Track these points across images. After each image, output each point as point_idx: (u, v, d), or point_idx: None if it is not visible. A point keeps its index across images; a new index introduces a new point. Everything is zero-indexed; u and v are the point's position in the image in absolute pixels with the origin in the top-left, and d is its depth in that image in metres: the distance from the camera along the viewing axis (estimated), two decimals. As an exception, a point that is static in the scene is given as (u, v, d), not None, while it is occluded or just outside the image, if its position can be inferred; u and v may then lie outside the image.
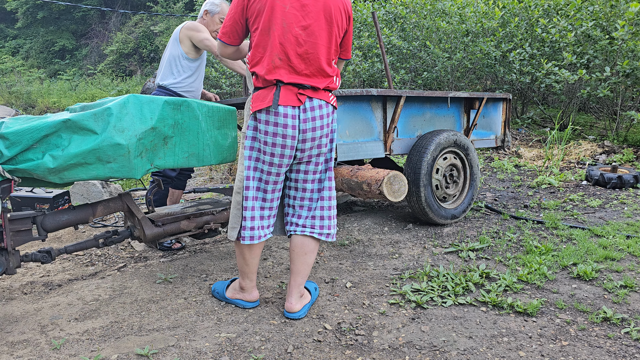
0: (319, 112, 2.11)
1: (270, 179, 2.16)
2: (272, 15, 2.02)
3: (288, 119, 2.06)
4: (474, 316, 2.18)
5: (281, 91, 2.05)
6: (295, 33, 2.03)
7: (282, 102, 2.05)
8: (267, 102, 2.05)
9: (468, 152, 3.56)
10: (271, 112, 2.05)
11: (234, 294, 2.35)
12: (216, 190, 3.27)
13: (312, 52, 2.07)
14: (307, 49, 2.06)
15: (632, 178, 4.40)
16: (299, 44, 2.04)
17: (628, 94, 6.42)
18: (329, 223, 2.25)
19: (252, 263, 2.25)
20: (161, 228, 2.58)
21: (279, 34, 2.02)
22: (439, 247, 3.08)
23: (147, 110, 2.24)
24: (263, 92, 2.08)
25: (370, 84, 8.17)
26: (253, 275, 2.29)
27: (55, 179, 2.10)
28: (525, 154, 6.06)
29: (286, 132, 2.06)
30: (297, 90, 2.07)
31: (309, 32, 2.05)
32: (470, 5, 7.05)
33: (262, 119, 2.08)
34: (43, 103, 13.81)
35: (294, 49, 2.04)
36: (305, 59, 2.06)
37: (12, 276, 2.88)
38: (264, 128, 2.08)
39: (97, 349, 1.98)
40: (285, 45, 2.03)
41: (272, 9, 2.02)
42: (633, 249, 2.86)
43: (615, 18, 5.79)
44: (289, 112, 2.06)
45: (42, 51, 22.14)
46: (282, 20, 2.02)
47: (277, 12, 2.02)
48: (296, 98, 2.07)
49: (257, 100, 2.08)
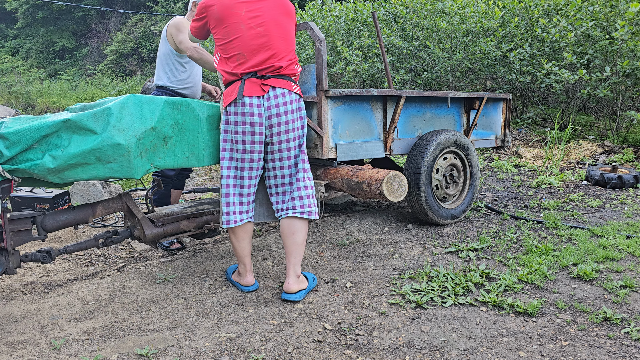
0: (282, 99, 2.34)
1: (245, 166, 2.38)
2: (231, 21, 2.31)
3: (254, 108, 2.30)
4: (474, 316, 2.18)
5: (245, 84, 2.31)
6: (253, 31, 2.31)
7: (247, 93, 2.30)
8: (234, 95, 2.30)
9: (468, 152, 3.56)
10: (238, 103, 2.30)
11: (235, 277, 2.59)
12: (216, 190, 3.27)
13: (270, 45, 2.33)
14: (264, 42, 2.32)
15: (632, 178, 4.40)
16: (257, 39, 2.31)
17: (628, 94, 6.41)
18: (308, 202, 2.42)
19: (240, 247, 2.45)
20: (161, 228, 2.58)
21: (238, 34, 2.30)
22: (439, 247, 3.08)
23: (147, 110, 2.24)
24: (230, 88, 2.35)
25: (370, 84, 8.17)
26: (246, 259, 2.47)
27: (55, 179, 2.10)
28: (525, 154, 6.06)
29: (253, 120, 2.31)
30: (261, 82, 2.33)
31: (265, 27, 2.33)
32: (470, 5, 7.05)
33: (231, 111, 2.33)
34: (43, 103, 13.81)
35: (254, 44, 2.31)
36: (265, 52, 2.32)
37: (12, 276, 2.88)
38: (233, 119, 2.33)
39: (97, 349, 1.98)
40: (245, 42, 2.30)
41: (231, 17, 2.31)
42: (633, 249, 2.86)
43: (615, 18, 5.78)
44: (254, 101, 2.31)
45: (42, 51, 22.14)
46: (238, 22, 2.31)
47: (236, 16, 2.30)
48: (260, 88, 2.32)
49: (227, 95, 2.34)
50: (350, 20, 8.10)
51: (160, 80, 3.30)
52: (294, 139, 2.40)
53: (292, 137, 2.39)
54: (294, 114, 2.37)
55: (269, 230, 3.55)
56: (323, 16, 8.40)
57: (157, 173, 3.33)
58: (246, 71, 2.31)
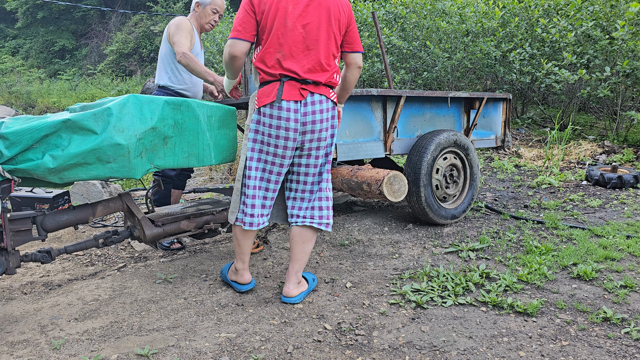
0: (319, 107, 2.24)
1: (274, 169, 2.30)
2: (276, 14, 2.17)
3: (290, 113, 2.19)
4: (474, 316, 2.18)
5: (284, 86, 2.19)
6: (297, 31, 2.18)
7: (285, 96, 2.18)
8: (272, 97, 2.19)
9: (468, 152, 3.56)
10: (275, 106, 2.18)
11: (230, 276, 2.52)
12: (216, 190, 3.27)
13: (313, 49, 2.21)
14: (308, 44, 2.20)
15: (632, 178, 4.40)
16: (300, 41, 2.19)
17: (628, 94, 6.41)
18: (327, 213, 2.39)
19: (245, 245, 2.40)
20: (161, 228, 2.58)
21: (282, 31, 2.17)
22: (439, 247, 3.08)
23: (147, 110, 2.24)
24: (268, 88, 2.22)
25: (370, 84, 8.17)
26: (245, 257, 2.43)
27: (55, 179, 2.10)
28: (525, 154, 6.06)
29: (288, 125, 2.20)
30: (300, 86, 2.21)
31: (308, 29, 2.20)
32: (470, 5, 7.05)
33: (266, 112, 2.21)
34: (43, 103, 13.81)
35: (296, 45, 2.19)
36: (307, 55, 2.21)
37: (12, 276, 2.88)
38: (268, 121, 2.21)
39: (97, 349, 1.98)
40: (288, 42, 2.18)
41: (276, 9, 2.17)
42: (633, 249, 2.86)
43: (615, 18, 5.78)
44: (292, 106, 2.19)
45: (42, 51, 22.15)
46: (284, 19, 2.17)
47: (280, 11, 2.16)
48: (299, 93, 2.20)
49: (263, 95, 2.22)
50: (350, 20, 8.09)
51: (162, 80, 3.30)
52: (324, 147, 2.32)
53: (322, 145, 2.30)
54: (327, 122, 2.28)
55: (269, 230, 3.55)
56: (323, 16, 8.39)
57: (157, 173, 3.33)
58: (285, 73, 2.19)
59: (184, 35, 3.13)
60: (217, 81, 3.09)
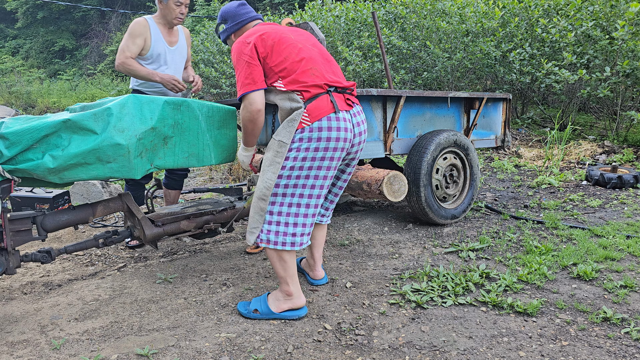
0: (362, 117, 2.28)
1: (325, 184, 2.18)
2: (286, 43, 2.16)
3: (347, 123, 2.15)
4: (474, 316, 2.18)
5: (334, 97, 2.15)
6: (312, 50, 2.23)
7: (340, 107, 2.15)
8: (329, 109, 2.10)
9: (468, 152, 3.56)
10: (332, 118, 2.10)
11: (281, 306, 2.22)
12: (216, 190, 3.27)
13: (331, 61, 2.30)
14: (326, 58, 2.28)
15: (632, 178, 4.40)
16: (319, 57, 2.23)
17: (628, 94, 6.41)
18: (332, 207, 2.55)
19: (293, 265, 2.21)
20: (161, 228, 2.58)
21: (301, 54, 2.16)
22: (439, 247, 3.08)
23: (147, 110, 2.24)
24: (317, 102, 2.10)
25: (370, 84, 8.17)
26: (296, 277, 2.24)
27: (55, 179, 2.10)
28: (525, 154, 6.06)
29: (346, 136, 2.14)
30: (344, 96, 2.21)
31: (318, 47, 2.29)
32: (470, 5, 7.05)
33: (323, 126, 2.07)
34: (43, 103, 13.81)
35: (319, 61, 2.20)
36: (331, 66, 2.27)
37: (12, 276, 2.88)
38: (325, 135, 2.08)
39: (97, 349, 1.98)
40: (312, 59, 2.17)
41: (284, 40, 2.17)
42: (633, 249, 2.86)
43: (615, 18, 5.78)
44: (346, 116, 2.16)
45: (42, 51, 22.14)
46: (296, 43, 2.19)
47: (289, 40, 2.18)
48: (345, 103, 2.20)
49: (315, 110, 2.08)
50: (350, 20, 8.10)
51: (133, 83, 3.32)
52: (358, 156, 2.37)
53: (358, 155, 2.35)
54: (365, 133, 2.32)
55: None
56: (323, 16, 8.40)
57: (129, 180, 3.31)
58: (330, 83, 2.15)
59: (129, 41, 3.14)
60: (165, 80, 3.12)
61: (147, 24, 3.19)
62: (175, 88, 3.18)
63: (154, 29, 3.22)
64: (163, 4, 3.20)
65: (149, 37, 3.19)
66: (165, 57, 3.28)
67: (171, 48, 3.31)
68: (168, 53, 3.29)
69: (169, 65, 3.31)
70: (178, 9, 3.20)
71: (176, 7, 3.19)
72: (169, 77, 3.14)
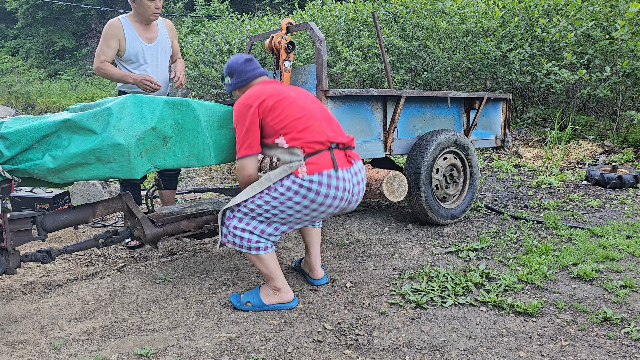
0: (361, 175, 2.29)
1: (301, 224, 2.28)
2: (287, 101, 2.21)
3: (346, 183, 2.17)
4: (474, 316, 2.18)
5: (335, 154, 2.17)
6: (312, 107, 2.26)
7: (340, 165, 2.17)
8: (328, 166, 2.13)
9: (468, 152, 3.56)
10: (332, 176, 2.13)
11: (269, 300, 2.31)
12: (216, 190, 3.27)
13: (330, 118, 2.32)
14: (326, 115, 2.30)
15: (632, 178, 4.40)
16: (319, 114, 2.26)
17: (628, 94, 6.41)
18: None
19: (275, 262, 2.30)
20: (161, 228, 2.58)
21: (301, 112, 2.20)
22: (439, 247, 3.08)
23: (147, 110, 2.24)
24: (318, 157, 2.14)
25: (370, 84, 8.17)
26: (280, 272, 2.33)
27: (55, 179, 2.10)
28: (525, 154, 6.06)
29: (343, 196, 2.17)
30: (345, 153, 2.23)
31: (317, 104, 2.32)
32: (470, 5, 7.05)
33: (316, 180, 2.11)
34: (43, 103, 13.81)
35: (319, 119, 2.23)
36: (331, 123, 2.29)
37: (12, 276, 2.88)
38: (316, 188, 2.12)
39: (97, 349, 1.98)
40: (312, 117, 2.21)
41: (285, 98, 2.22)
42: (633, 249, 2.86)
43: (615, 18, 5.78)
44: (346, 176, 2.18)
45: (42, 51, 22.15)
46: (297, 100, 2.24)
47: (289, 98, 2.23)
48: (346, 160, 2.22)
49: (313, 164, 2.12)
50: (350, 20, 8.10)
51: (118, 85, 3.32)
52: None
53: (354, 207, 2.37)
54: (364, 182, 2.33)
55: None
56: (323, 16, 8.40)
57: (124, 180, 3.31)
58: (331, 140, 2.18)
59: (104, 45, 3.14)
60: (137, 80, 3.11)
61: (120, 24, 3.16)
62: (148, 88, 3.15)
63: (128, 28, 3.18)
64: (136, 2, 3.15)
65: (123, 38, 3.16)
66: (144, 56, 3.24)
67: (149, 45, 3.26)
68: (146, 51, 3.24)
69: (149, 63, 3.26)
70: (153, 4, 3.14)
71: (150, 3, 3.13)
72: (141, 77, 3.10)
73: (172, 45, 3.44)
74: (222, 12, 16.14)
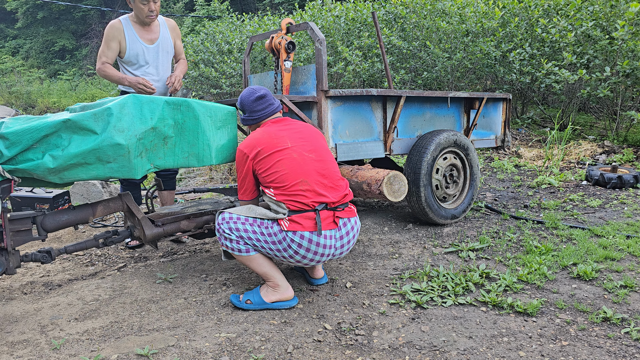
0: (352, 233, 2.31)
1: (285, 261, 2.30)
2: (281, 156, 2.22)
3: (329, 240, 2.21)
4: (474, 316, 2.18)
5: (320, 216, 2.19)
6: (308, 158, 2.25)
7: (325, 227, 2.20)
8: (311, 228, 2.17)
9: (468, 152, 3.56)
10: (312, 239, 2.17)
11: (269, 297, 2.32)
12: (216, 190, 3.27)
13: (327, 172, 2.28)
14: (322, 171, 2.27)
15: (632, 178, 4.40)
16: (314, 169, 2.24)
17: (628, 94, 6.41)
18: None
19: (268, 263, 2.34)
20: (161, 228, 2.58)
21: (294, 165, 2.21)
22: (439, 247, 3.08)
23: (147, 110, 2.24)
24: (300, 217, 2.18)
25: (370, 84, 8.17)
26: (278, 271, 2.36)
27: (55, 179, 2.10)
28: (525, 154, 6.06)
29: (324, 252, 2.22)
30: (333, 213, 2.23)
31: (316, 155, 2.29)
32: (470, 5, 7.05)
33: (297, 240, 2.17)
34: (43, 103, 13.81)
35: (313, 174, 2.23)
36: (325, 176, 2.26)
37: (12, 276, 2.88)
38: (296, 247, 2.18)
39: (97, 349, 1.98)
40: (306, 171, 2.22)
41: (279, 153, 2.23)
42: (633, 249, 2.86)
43: (615, 18, 5.78)
44: (330, 233, 2.22)
45: (42, 51, 22.15)
46: (292, 152, 2.23)
47: (283, 151, 2.23)
48: (333, 221, 2.23)
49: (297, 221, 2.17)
50: (350, 20, 8.09)
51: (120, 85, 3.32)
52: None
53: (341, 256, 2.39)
54: (354, 238, 2.35)
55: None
56: (323, 16, 8.40)
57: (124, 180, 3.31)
58: (320, 201, 2.20)
59: (104, 46, 3.15)
60: (132, 83, 3.11)
61: (120, 26, 3.16)
62: (143, 91, 3.15)
63: (128, 29, 3.18)
64: (132, 4, 3.16)
65: (124, 39, 3.17)
66: (145, 57, 3.23)
67: (150, 46, 3.25)
68: (147, 52, 3.24)
69: (150, 63, 3.26)
70: (146, 7, 3.12)
71: (143, 6, 3.12)
72: (136, 80, 3.10)
73: (175, 45, 3.44)
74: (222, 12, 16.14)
